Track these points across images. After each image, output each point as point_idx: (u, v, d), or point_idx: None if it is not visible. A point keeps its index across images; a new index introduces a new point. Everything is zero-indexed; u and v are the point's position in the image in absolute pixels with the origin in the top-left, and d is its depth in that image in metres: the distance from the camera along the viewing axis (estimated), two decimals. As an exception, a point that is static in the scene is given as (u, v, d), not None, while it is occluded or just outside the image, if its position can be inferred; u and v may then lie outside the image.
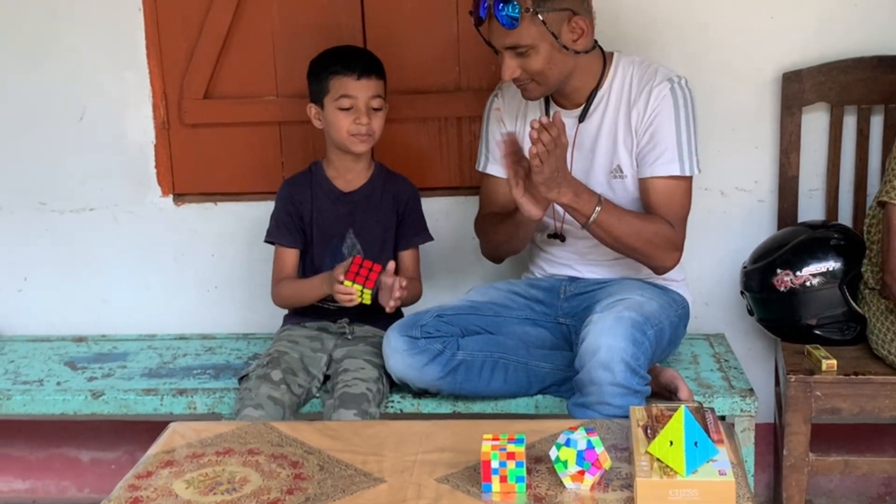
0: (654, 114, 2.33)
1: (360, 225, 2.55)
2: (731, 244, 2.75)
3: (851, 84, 2.66)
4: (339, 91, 2.44)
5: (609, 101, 2.38)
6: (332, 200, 2.56)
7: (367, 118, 2.45)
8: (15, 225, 2.99)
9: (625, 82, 2.38)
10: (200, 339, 2.93)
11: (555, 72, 2.31)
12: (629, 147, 2.37)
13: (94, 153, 2.92)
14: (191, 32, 2.83)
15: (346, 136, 2.47)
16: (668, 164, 2.32)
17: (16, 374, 2.71)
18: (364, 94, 2.45)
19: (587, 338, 2.13)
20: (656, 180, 2.33)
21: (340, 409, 2.28)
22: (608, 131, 2.38)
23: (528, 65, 2.28)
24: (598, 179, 2.41)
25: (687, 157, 2.33)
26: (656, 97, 2.32)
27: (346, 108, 2.45)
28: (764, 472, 2.87)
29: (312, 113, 2.52)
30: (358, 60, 2.47)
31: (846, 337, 2.50)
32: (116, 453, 3.10)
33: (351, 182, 2.57)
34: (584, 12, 2.29)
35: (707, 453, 1.69)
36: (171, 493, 1.77)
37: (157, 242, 2.96)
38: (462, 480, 1.77)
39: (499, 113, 2.50)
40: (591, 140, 2.40)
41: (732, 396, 2.39)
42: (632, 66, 2.39)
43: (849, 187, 2.74)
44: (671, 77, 2.34)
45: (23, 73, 2.89)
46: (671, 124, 2.32)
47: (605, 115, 2.39)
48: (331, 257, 2.55)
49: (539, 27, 2.23)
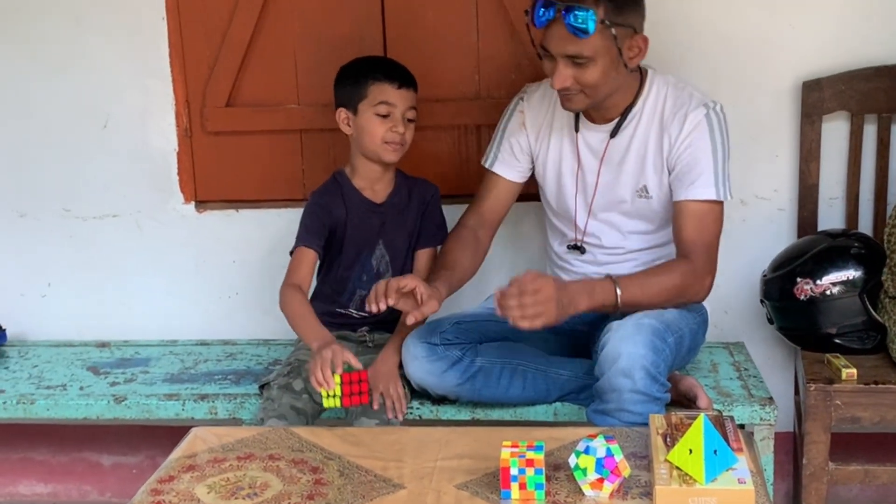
0: (689, 139, 2.30)
1: (389, 236, 2.55)
2: (751, 253, 2.74)
3: (872, 92, 2.65)
4: (378, 97, 2.44)
5: (641, 119, 2.36)
6: (366, 212, 2.54)
7: (403, 127, 2.46)
8: (39, 231, 3.02)
9: (658, 102, 2.36)
10: (222, 344, 2.95)
11: (606, 87, 2.28)
12: (658, 168, 2.36)
13: (118, 160, 2.95)
14: (214, 41, 2.85)
15: (379, 144, 2.46)
16: (704, 188, 2.30)
17: (39, 379, 2.74)
18: (403, 104, 2.46)
19: (607, 345, 2.14)
20: (691, 204, 2.31)
21: (362, 417, 2.29)
22: (637, 150, 2.37)
23: (584, 76, 2.24)
24: (623, 197, 2.40)
25: (722, 182, 2.31)
26: (692, 122, 2.30)
27: (383, 115, 2.45)
28: (783, 482, 2.86)
29: (342, 118, 2.50)
30: (399, 70, 2.49)
31: (866, 346, 2.49)
32: (138, 458, 3.12)
33: (379, 192, 2.56)
34: (641, 31, 2.27)
35: (726, 461, 1.69)
36: (193, 497, 1.79)
37: (179, 249, 2.98)
38: (481, 487, 1.78)
39: (522, 117, 2.49)
40: (619, 156, 2.39)
41: (752, 405, 2.38)
42: (666, 87, 2.36)
43: (869, 196, 2.73)
44: (706, 103, 2.32)
45: (47, 81, 2.92)
46: (708, 150, 2.30)
47: (635, 132, 2.37)
48: (360, 268, 2.55)
49: (608, 41, 2.20)
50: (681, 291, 2.29)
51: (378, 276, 2.55)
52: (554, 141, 2.46)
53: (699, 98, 2.33)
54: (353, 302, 2.58)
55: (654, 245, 2.45)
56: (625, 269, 2.41)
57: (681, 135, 2.32)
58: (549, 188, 2.51)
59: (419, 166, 2.76)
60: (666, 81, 2.37)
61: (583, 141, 2.42)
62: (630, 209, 2.42)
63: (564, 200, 2.49)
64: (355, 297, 2.57)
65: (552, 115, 2.45)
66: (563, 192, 2.48)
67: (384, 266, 2.56)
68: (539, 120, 2.48)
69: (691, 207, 2.32)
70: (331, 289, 2.59)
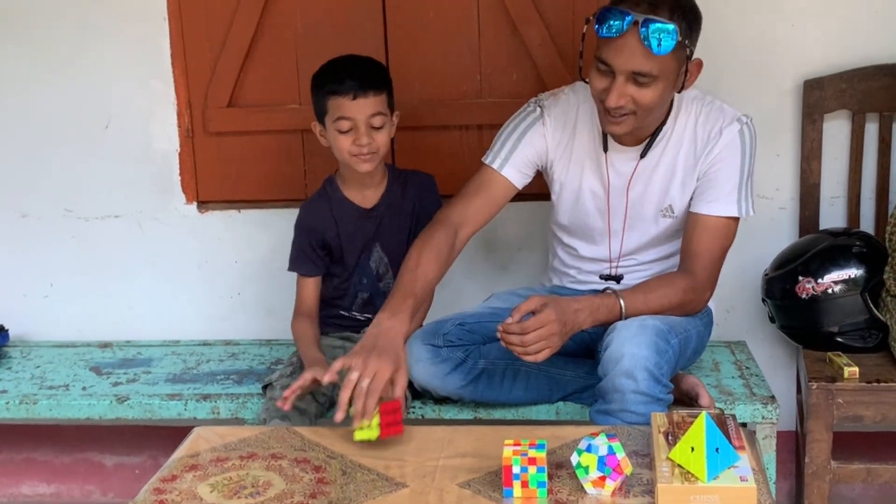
0: (722, 154, 2.26)
1: (385, 238, 2.53)
2: (753, 251, 2.74)
3: (873, 91, 2.65)
4: (335, 113, 2.36)
5: (671, 139, 2.31)
6: (356, 219, 2.51)
7: (368, 138, 2.36)
8: (41, 232, 3.03)
9: (688, 120, 2.30)
10: (224, 345, 2.96)
11: (658, 110, 2.20)
12: (688, 186, 2.31)
13: (120, 161, 2.95)
14: (215, 42, 2.86)
15: (348, 157, 2.40)
16: (727, 204, 2.28)
17: (42, 380, 2.74)
18: (362, 115, 2.35)
19: (611, 345, 2.13)
20: (710, 218, 2.28)
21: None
22: (666, 169, 2.32)
23: (642, 96, 2.12)
24: (647, 215, 2.37)
25: (745, 199, 2.29)
26: (726, 137, 2.26)
27: (344, 131, 2.36)
28: (786, 480, 2.86)
29: (317, 131, 2.46)
30: (352, 78, 2.34)
31: (868, 344, 2.49)
32: (140, 458, 3.12)
33: (369, 197, 2.52)
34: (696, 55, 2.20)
35: (728, 459, 1.69)
36: (195, 496, 1.79)
37: (181, 249, 2.99)
38: (484, 485, 1.78)
39: (544, 129, 2.36)
40: (646, 176, 2.34)
41: (754, 404, 2.38)
42: (694, 104, 2.30)
43: (870, 195, 2.73)
44: (740, 118, 2.28)
45: (49, 82, 2.93)
46: (736, 166, 2.27)
47: (664, 151, 2.31)
48: (359, 272, 2.55)
49: (679, 61, 2.12)
50: (680, 306, 2.27)
51: (378, 279, 2.55)
52: (575, 161, 2.37)
53: (731, 113, 2.28)
54: (356, 305, 2.58)
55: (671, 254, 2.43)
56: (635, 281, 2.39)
57: (714, 150, 2.27)
58: (564, 206, 2.43)
59: (421, 167, 2.76)
60: (693, 97, 2.31)
61: (611, 161, 2.35)
62: (653, 230, 2.38)
63: (580, 219, 2.42)
64: (357, 300, 2.58)
65: (573, 132, 2.36)
66: (580, 211, 2.41)
67: (383, 268, 2.55)
68: (560, 136, 2.36)
69: (709, 221, 2.29)
70: (332, 293, 2.59)
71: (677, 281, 2.29)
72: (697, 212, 2.30)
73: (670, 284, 2.28)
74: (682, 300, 2.26)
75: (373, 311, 2.50)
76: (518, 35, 2.77)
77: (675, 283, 2.28)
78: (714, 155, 2.28)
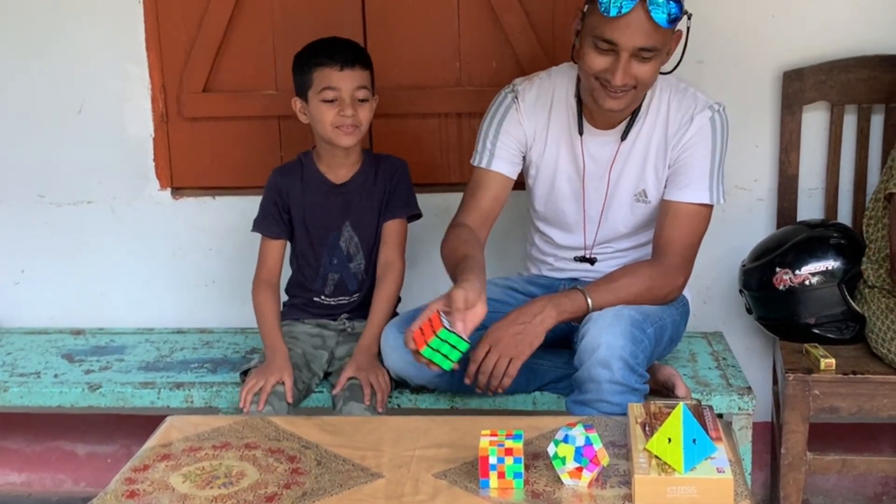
0: (692, 140, 2.28)
1: (355, 217, 2.53)
2: (730, 242, 2.74)
3: (852, 83, 2.66)
4: (322, 83, 2.39)
5: (645, 122, 2.32)
6: (325, 193, 2.53)
7: (353, 109, 2.39)
8: (13, 217, 2.99)
9: (661, 105, 2.31)
10: (198, 332, 2.93)
11: (650, 85, 2.22)
12: (660, 172, 2.32)
13: (93, 146, 2.91)
14: (191, 26, 2.82)
15: (330, 129, 2.42)
16: (698, 191, 2.29)
17: (13, 367, 2.71)
18: (348, 85, 2.39)
19: (586, 335, 2.13)
20: (682, 205, 2.29)
21: (351, 401, 2.28)
22: (639, 154, 2.33)
23: (643, 71, 2.15)
24: (621, 201, 2.37)
25: (716, 186, 2.30)
26: (697, 124, 2.28)
27: (329, 101, 2.40)
28: (761, 471, 2.87)
29: (297, 107, 2.47)
30: (341, 51, 2.40)
31: (845, 336, 2.50)
32: (113, 447, 3.10)
33: (341, 175, 2.54)
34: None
35: (705, 450, 1.69)
36: (167, 486, 1.77)
37: (155, 236, 2.96)
38: (460, 476, 1.77)
39: (518, 115, 2.36)
40: (622, 158, 2.35)
41: (730, 395, 2.38)
42: (669, 89, 2.31)
43: (848, 186, 2.73)
44: (712, 105, 2.29)
45: (22, 65, 2.88)
46: (707, 153, 2.28)
47: (639, 135, 2.32)
48: (328, 251, 2.54)
49: (678, 35, 2.15)
50: (650, 293, 2.27)
51: (349, 259, 2.54)
52: (550, 144, 2.37)
53: (704, 100, 2.30)
54: (328, 287, 2.57)
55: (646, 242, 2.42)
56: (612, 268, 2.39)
57: (685, 136, 2.28)
58: (539, 192, 2.44)
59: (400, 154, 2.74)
60: (667, 83, 2.32)
61: (587, 145, 2.35)
62: (628, 215, 2.39)
63: (556, 205, 2.43)
64: (328, 281, 2.56)
65: (548, 116, 2.37)
66: (556, 197, 2.42)
67: (354, 248, 2.54)
68: (535, 120, 2.37)
69: (681, 208, 2.30)
70: (304, 276, 2.58)
71: (641, 269, 2.29)
72: (669, 199, 2.32)
73: (633, 273, 2.28)
74: (650, 287, 2.26)
75: (344, 296, 2.50)
76: (498, 22, 2.75)
77: (638, 272, 2.29)
78: (685, 141, 2.29)
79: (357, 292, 2.56)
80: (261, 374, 2.33)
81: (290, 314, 2.62)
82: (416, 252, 2.76)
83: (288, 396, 2.29)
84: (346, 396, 2.30)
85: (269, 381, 2.29)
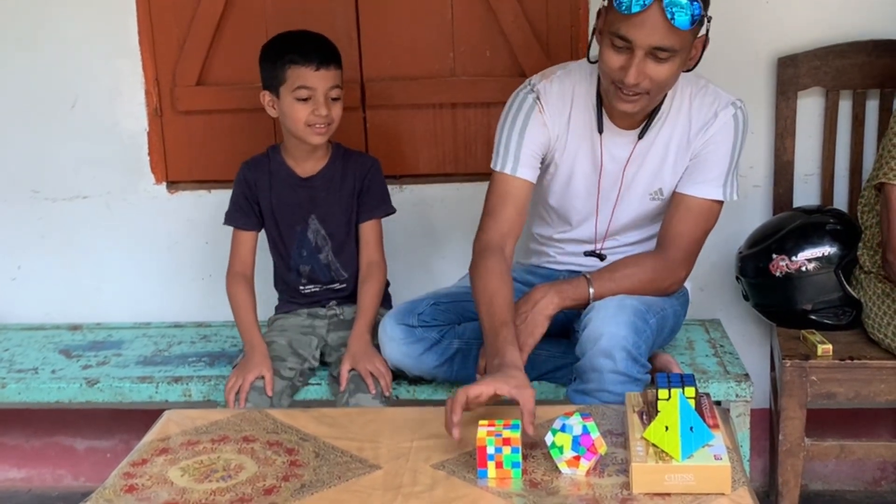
0: (715, 137, 2.25)
1: (322, 210, 2.53)
2: (727, 229, 2.72)
3: (847, 69, 2.65)
4: (296, 82, 2.38)
5: (666, 120, 2.29)
6: (291, 186, 2.53)
7: (327, 108, 2.40)
8: (8, 213, 2.98)
9: (683, 102, 2.28)
10: (195, 326, 2.93)
11: (668, 87, 2.17)
12: (676, 170, 2.29)
13: (87, 141, 2.91)
14: (183, 19, 2.81)
15: (303, 128, 2.42)
16: (714, 187, 2.27)
17: (10, 363, 2.71)
18: (323, 85, 2.39)
19: (589, 325, 2.12)
20: (695, 199, 2.27)
21: (358, 393, 2.29)
22: (658, 152, 2.30)
23: (658, 72, 2.09)
24: (635, 197, 2.34)
25: (731, 183, 2.29)
26: (722, 120, 2.25)
27: (303, 99, 2.39)
28: (760, 458, 2.87)
29: (266, 101, 2.46)
30: (316, 50, 2.40)
31: (841, 322, 2.50)
32: (112, 442, 3.10)
33: (307, 168, 2.54)
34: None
35: (702, 438, 1.69)
36: (166, 480, 1.77)
37: (150, 230, 2.95)
38: (458, 466, 1.77)
39: (542, 117, 2.27)
40: (640, 157, 2.31)
41: (728, 382, 2.38)
42: (689, 87, 2.28)
43: (844, 172, 2.73)
44: (734, 102, 2.26)
45: (14, 60, 2.87)
46: (728, 150, 2.26)
47: (659, 134, 2.29)
48: (297, 244, 2.55)
49: (694, 36, 2.10)
50: (653, 284, 2.26)
51: (318, 251, 2.55)
52: (571, 142, 2.31)
53: (726, 97, 2.27)
54: (302, 277, 2.58)
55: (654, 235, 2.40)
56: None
57: (709, 132, 2.26)
58: (555, 188, 2.38)
59: (394, 145, 2.74)
60: (687, 81, 2.28)
61: (607, 143, 2.31)
62: (639, 211, 2.36)
63: (569, 201, 2.38)
64: (301, 272, 2.58)
65: (569, 113, 2.30)
66: (571, 194, 2.37)
67: (321, 240, 2.54)
68: (559, 119, 2.29)
69: (693, 203, 2.28)
70: (280, 268, 2.61)
71: (645, 260, 2.29)
72: (683, 192, 2.29)
73: (637, 264, 2.28)
74: (652, 278, 2.26)
75: (318, 284, 2.55)
76: (491, 12, 2.74)
77: (642, 263, 2.28)
78: (709, 136, 2.26)
79: (333, 282, 2.57)
80: (240, 371, 2.35)
81: (281, 307, 2.64)
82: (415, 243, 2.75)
83: (267, 390, 2.31)
84: (351, 389, 2.31)
85: (248, 379, 2.32)
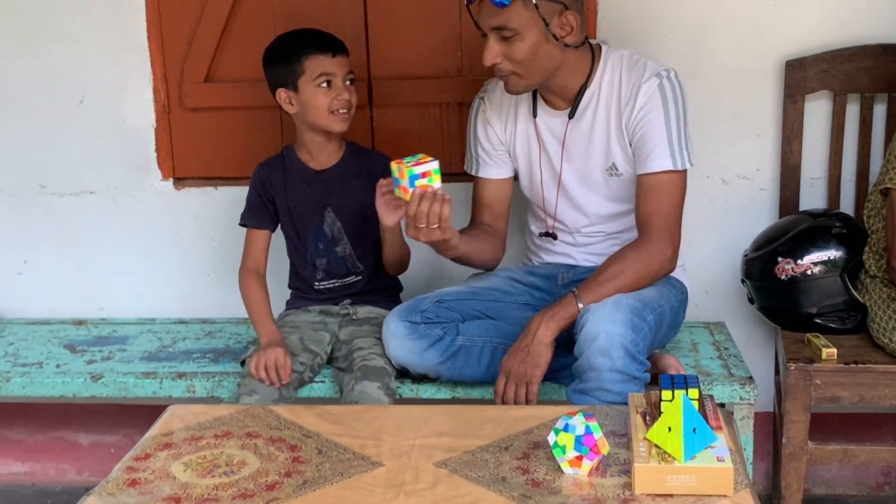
0: (644, 110, 2.29)
1: (337, 203, 2.56)
2: (733, 232, 2.74)
3: (855, 72, 2.65)
4: (317, 70, 2.44)
5: (600, 98, 2.35)
6: (306, 181, 2.56)
7: (347, 93, 2.47)
8: (15, 208, 2.99)
9: (614, 79, 2.34)
10: (200, 323, 2.93)
11: (539, 64, 2.25)
12: (622, 145, 2.35)
13: (94, 136, 2.91)
14: (192, 15, 2.82)
15: (326, 115, 2.46)
16: (660, 159, 2.28)
17: (15, 357, 2.71)
18: (341, 71, 2.46)
19: (586, 324, 2.13)
20: (650, 176, 2.29)
21: (364, 380, 2.29)
22: (601, 129, 2.35)
23: (513, 52, 2.22)
24: (595, 178, 2.40)
25: (678, 151, 2.29)
26: (645, 93, 2.28)
27: (325, 86, 2.45)
28: (763, 461, 2.87)
29: (283, 98, 2.50)
30: (329, 40, 2.48)
31: (846, 326, 2.49)
32: (116, 436, 3.10)
33: (323, 162, 2.57)
34: (575, 9, 2.24)
35: (705, 440, 1.68)
36: (169, 475, 1.77)
37: (157, 226, 2.96)
38: (460, 465, 1.77)
39: (485, 115, 2.47)
40: (584, 139, 2.38)
41: (732, 384, 2.38)
42: (621, 62, 2.34)
43: (851, 176, 2.73)
44: (659, 72, 2.29)
45: (23, 56, 2.88)
46: (661, 119, 2.28)
47: (596, 112, 2.35)
48: (314, 238, 2.56)
49: (531, 12, 2.19)
50: (640, 275, 2.26)
51: (334, 243, 2.57)
52: (520, 130, 2.45)
53: (652, 68, 2.30)
54: (318, 272, 2.59)
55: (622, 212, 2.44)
56: (604, 248, 2.43)
57: (636, 107, 2.30)
58: (523, 176, 2.51)
59: (401, 144, 2.73)
60: (620, 56, 2.35)
61: (543, 126, 2.41)
62: (605, 190, 2.40)
63: (535, 186, 2.49)
64: (317, 267, 2.58)
65: (515, 105, 2.44)
66: (534, 179, 2.48)
67: (337, 232, 2.56)
68: (503, 112, 2.46)
69: (649, 181, 2.30)
70: (297, 264, 2.62)
71: (626, 254, 2.29)
72: (639, 174, 2.32)
73: (619, 260, 2.28)
74: (637, 269, 2.26)
75: (334, 279, 2.55)
76: (499, 12, 2.74)
77: (624, 259, 2.28)
78: (636, 112, 2.30)
79: (349, 275, 2.57)
80: (260, 356, 2.35)
81: (293, 303, 2.64)
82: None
83: (283, 376, 2.32)
84: (357, 377, 2.31)
85: (270, 358, 2.33)
